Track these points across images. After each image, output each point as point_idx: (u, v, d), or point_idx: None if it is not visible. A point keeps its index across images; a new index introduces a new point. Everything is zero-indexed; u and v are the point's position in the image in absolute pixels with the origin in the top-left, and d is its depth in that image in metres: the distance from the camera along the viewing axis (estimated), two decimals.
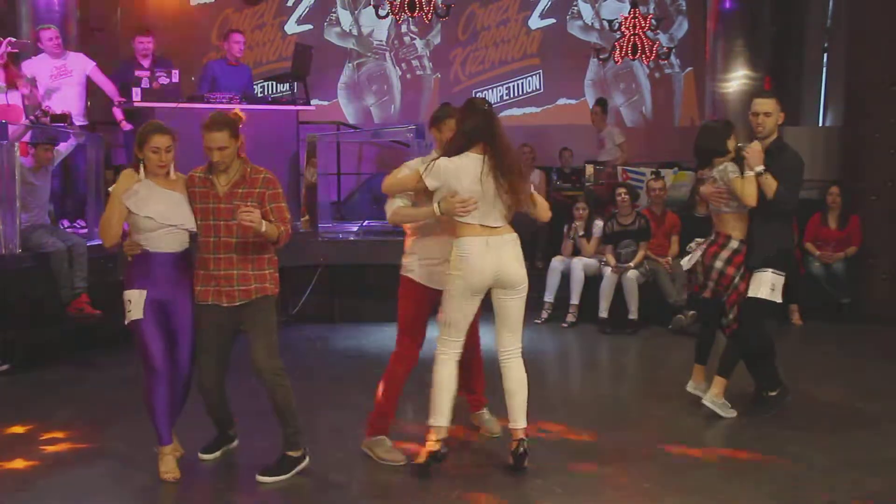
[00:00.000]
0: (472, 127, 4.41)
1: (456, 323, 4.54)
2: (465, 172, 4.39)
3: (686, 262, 5.81)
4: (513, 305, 4.58)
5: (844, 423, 5.44)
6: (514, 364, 4.67)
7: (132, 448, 5.00)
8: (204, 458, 4.82)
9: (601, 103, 9.80)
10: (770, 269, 5.37)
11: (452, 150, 4.46)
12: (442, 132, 4.69)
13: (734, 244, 5.48)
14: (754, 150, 5.36)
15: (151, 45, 8.77)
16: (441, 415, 4.53)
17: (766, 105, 5.52)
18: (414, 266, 4.78)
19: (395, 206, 4.72)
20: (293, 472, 4.57)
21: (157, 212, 4.42)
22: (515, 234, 4.57)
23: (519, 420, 4.61)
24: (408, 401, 5.33)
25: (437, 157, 4.50)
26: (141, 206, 4.41)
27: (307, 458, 4.64)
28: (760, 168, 5.30)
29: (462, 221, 4.42)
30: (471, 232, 4.43)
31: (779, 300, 5.41)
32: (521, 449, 4.57)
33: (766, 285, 5.35)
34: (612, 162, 10.30)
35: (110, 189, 4.48)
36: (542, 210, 4.72)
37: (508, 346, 4.66)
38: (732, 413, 5.53)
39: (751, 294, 5.40)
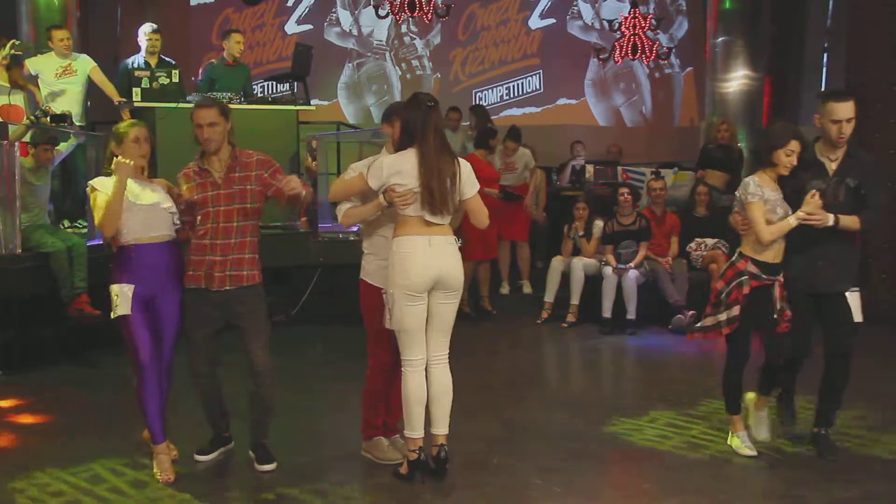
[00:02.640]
0: (410, 124, 4.43)
1: (408, 329, 4.43)
2: (405, 170, 4.37)
3: None
4: (449, 310, 4.53)
5: (844, 424, 5.43)
6: (443, 369, 4.56)
7: (132, 448, 4.99)
8: (199, 460, 4.81)
9: (515, 137, 9.55)
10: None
11: (398, 147, 4.51)
12: (394, 128, 4.66)
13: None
14: (816, 206, 4.52)
15: (160, 42, 8.78)
16: (414, 428, 4.45)
17: (849, 109, 4.58)
18: (370, 267, 4.70)
19: (345, 208, 4.73)
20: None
21: (134, 194, 4.51)
22: (453, 237, 4.50)
23: (441, 426, 4.52)
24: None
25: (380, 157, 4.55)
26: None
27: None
28: (831, 221, 4.52)
29: (404, 215, 4.37)
30: (412, 229, 4.37)
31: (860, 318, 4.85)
32: (443, 454, 4.49)
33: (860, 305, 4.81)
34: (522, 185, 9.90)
35: (95, 185, 4.53)
36: (477, 218, 4.63)
37: (438, 351, 4.54)
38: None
39: (860, 319, 4.80)
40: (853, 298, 4.73)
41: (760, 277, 4.64)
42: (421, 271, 4.33)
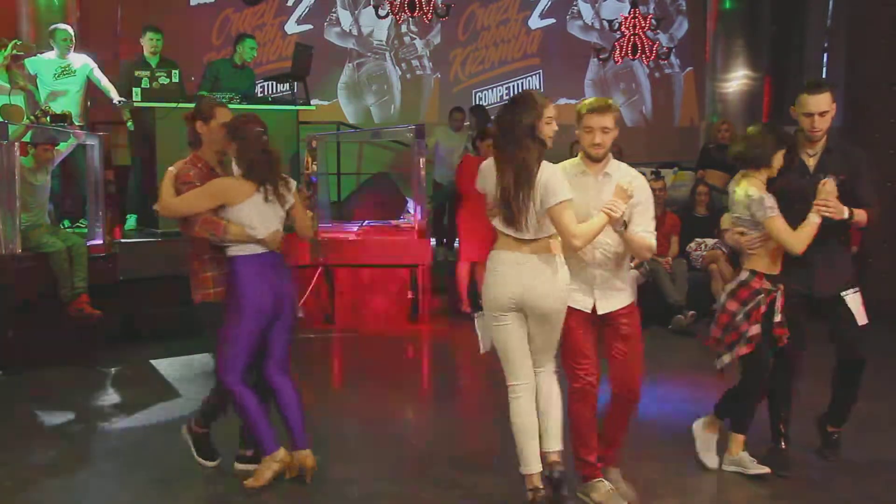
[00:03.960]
0: (499, 125, 4.18)
1: (502, 350, 4.13)
2: (490, 179, 4.12)
3: None
4: (544, 337, 4.11)
5: (852, 424, 5.43)
6: (545, 377, 4.18)
7: (133, 448, 5.00)
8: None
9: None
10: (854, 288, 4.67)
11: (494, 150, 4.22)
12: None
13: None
14: (831, 193, 4.33)
15: (161, 42, 8.78)
16: (527, 462, 4.05)
17: (822, 102, 4.42)
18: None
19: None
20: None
21: None
22: (555, 255, 4.04)
23: (551, 442, 4.11)
24: None
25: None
26: None
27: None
28: (846, 213, 4.37)
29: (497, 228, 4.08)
30: (501, 244, 4.08)
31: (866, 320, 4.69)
32: (556, 474, 4.05)
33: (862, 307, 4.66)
34: None
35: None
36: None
37: (540, 366, 4.17)
38: None
39: (863, 321, 4.65)
40: (853, 301, 4.62)
41: (770, 291, 4.52)
42: (501, 290, 4.00)
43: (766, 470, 4.54)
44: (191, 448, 4.60)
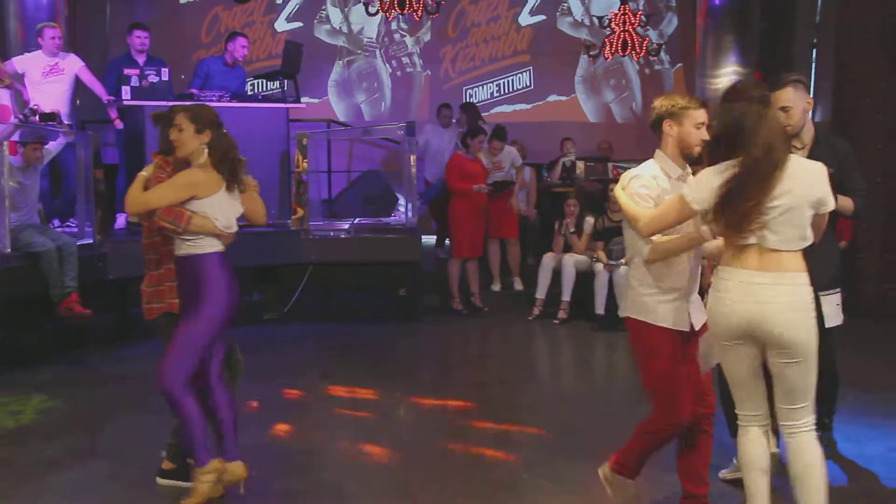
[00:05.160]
0: (732, 123, 3.44)
1: (731, 376, 3.54)
2: None
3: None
4: (789, 373, 3.40)
5: (837, 419, 5.45)
6: (801, 440, 3.44)
7: (124, 447, 4.99)
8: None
9: (500, 136, 9.50)
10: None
11: (712, 153, 3.56)
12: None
13: None
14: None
15: (148, 39, 8.76)
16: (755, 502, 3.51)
17: (781, 98, 4.35)
18: (650, 303, 3.68)
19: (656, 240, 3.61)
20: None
21: None
22: (802, 274, 3.42)
23: None
24: None
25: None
26: None
27: None
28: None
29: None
30: (738, 259, 3.41)
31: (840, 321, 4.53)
32: None
33: (838, 309, 4.52)
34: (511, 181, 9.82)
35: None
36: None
37: (788, 420, 3.45)
38: None
39: (831, 325, 4.43)
40: (827, 302, 4.42)
41: None
42: (727, 320, 3.39)
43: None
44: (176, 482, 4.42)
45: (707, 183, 3.41)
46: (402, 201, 9.51)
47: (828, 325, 4.36)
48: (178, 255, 4.14)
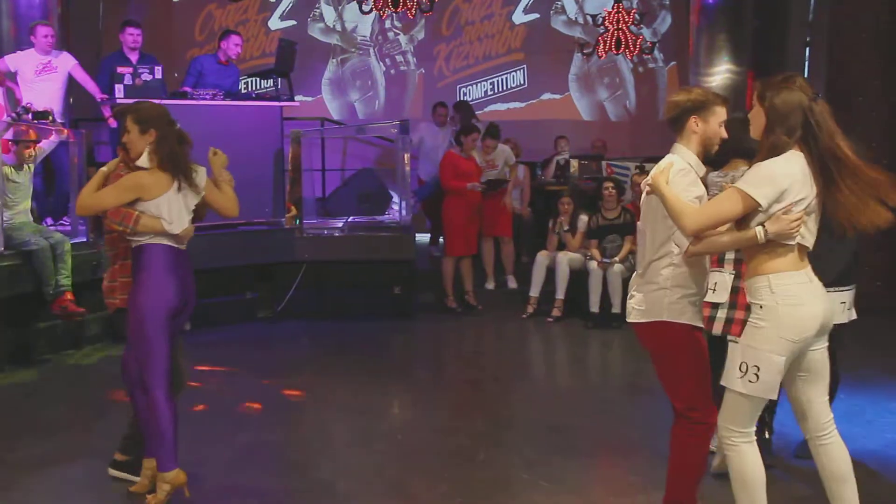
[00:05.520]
0: (784, 113, 3.35)
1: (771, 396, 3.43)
2: (797, 181, 3.31)
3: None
4: (825, 354, 3.49)
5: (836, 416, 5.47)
6: (840, 441, 3.51)
7: (114, 445, 4.97)
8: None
9: (493, 135, 9.50)
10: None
11: (767, 147, 3.35)
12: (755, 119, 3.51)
13: None
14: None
15: (141, 37, 8.73)
16: None
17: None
18: (679, 305, 3.56)
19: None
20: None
21: None
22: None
23: None
24: None
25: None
26: None
27: None
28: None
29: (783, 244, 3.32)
30: (790, 263, 3.34)
31: (854, 316, 4.74)
32: None
33: (844, 307, 4.69)
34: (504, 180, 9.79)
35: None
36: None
37: (828, 415, 3.54)
38: None
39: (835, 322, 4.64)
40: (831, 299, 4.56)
41: None
42: (812, 322, 3.32)
43: None
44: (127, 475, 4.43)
45: (773, 178, 3.24)
46: (396, 199, 9.51)
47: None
48: (132, 247, 4.17)
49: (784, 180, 3.24)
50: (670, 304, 3.55)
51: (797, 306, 3.28)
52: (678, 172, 3.49)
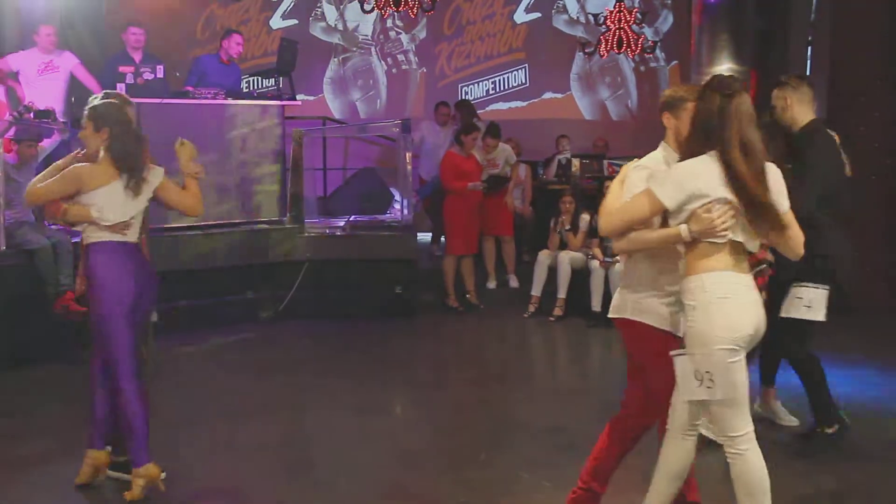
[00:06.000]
0: (706, 117, 3.35)
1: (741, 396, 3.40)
2: (708, 182, 3.32)
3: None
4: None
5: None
6: (756, 449, 3.43)
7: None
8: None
9: (494, 134, 9.49)
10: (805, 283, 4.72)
11: (686, 148, 3.42)
12: (679, 121, 3.58)
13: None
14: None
15: (144, 37, 8.74)
16: None
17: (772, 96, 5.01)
18: (648, 305, 3.59)
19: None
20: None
21: None
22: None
23: None
24: None
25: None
26: None
27: None
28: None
29: (712, 242, 3.31)
30: (722, 262, 3.32)
31: (819, 318, 4.73)
32: None
33: (801, 303, 4.73)
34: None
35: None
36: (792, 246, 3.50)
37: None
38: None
39: (783, 314, 4.72)
40: (791, 292, 4.74)
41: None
42: (748, 320, 3.30)
43: (795, 422, 5.19)
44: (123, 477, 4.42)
45: (681, 181, 3.29)
46: (397, 199, 9.51)
47: (781, 314, 4.65)
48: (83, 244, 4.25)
49: (691, 181, 3.27)
50: (634, 302, 3.60)
51: (729, 301, 3.26)
52: (634, 169, 3.58)
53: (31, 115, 7.43)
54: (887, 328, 8.20)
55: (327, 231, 9.03)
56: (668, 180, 3.32)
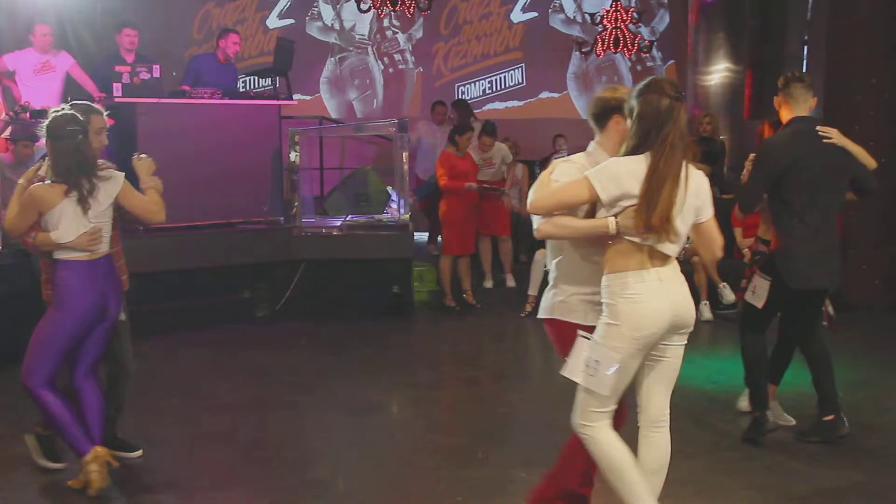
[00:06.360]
0: (646, 119, 3.38)
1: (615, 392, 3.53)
2: (638, 181, 3.37)
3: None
4: (680, 353, 3.57)
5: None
6: (666, 435, 3.58)
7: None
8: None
9: (490, 132, 9.46)
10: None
11: (629, 147, 3.42)
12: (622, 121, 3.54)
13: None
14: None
15: (138, 38, 8.72)
16: (647, 498, 3.45)
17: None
18: (574, 303, 3.63)
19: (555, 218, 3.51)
20: None
21: None
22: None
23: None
24: None
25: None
26: None
27: None
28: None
29: (625, 240, 3.39)
30: (635, 262, 3.39)
31: (758, 304, 4.93)
32: None
33: (750, 287, 5.03)
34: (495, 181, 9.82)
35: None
36: (708, 246, 3.68)
37: (664, 411, 3.59)
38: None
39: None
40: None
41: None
42: (655, 321, 3.37)
43: (792, 421, 5.20)
44: (32, 451, 4.57)
45: (619, 177, 3.32)
46: (394, 198, 9.50)
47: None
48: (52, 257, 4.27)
49: (628, 180, 3.30)
50: (560, 302, 3.62)
51: (638, 304, 3.32)
52: (564, 162, 3.59)
53: (28, 114, 7.42)
54: (885, 326, 8.21)
55: (324, 230, 9.02)
56: (607, 174, 3.34)
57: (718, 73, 11.55)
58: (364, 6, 11.38)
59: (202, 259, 8.16)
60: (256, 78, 11.66)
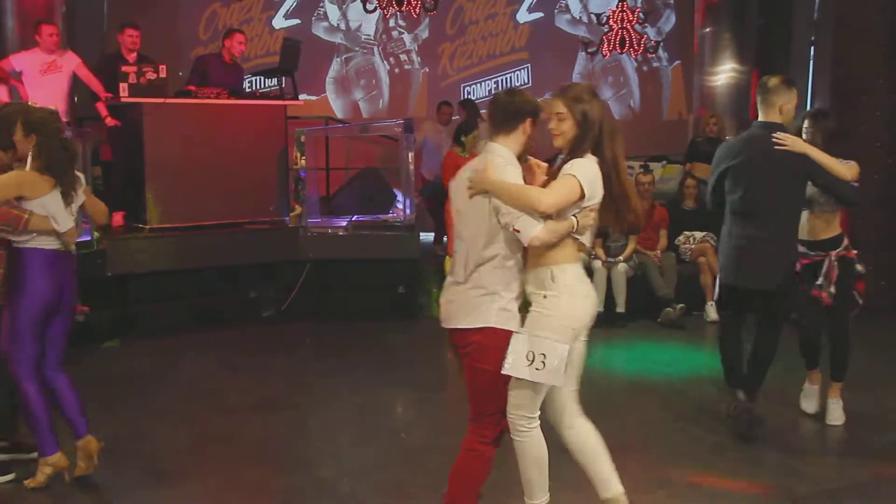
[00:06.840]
0: (591, 119, 3.58)
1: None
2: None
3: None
4: (584, 347, 3.74)
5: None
6: (587, 422, 3.75)
7: (117, 444, 4.98)
8: None
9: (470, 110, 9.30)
10: None
11: (573, 147, 3.58)
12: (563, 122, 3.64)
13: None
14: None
15: (139, 39, 8.73)
16: (545, 490, 3.71)
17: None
18: (513, 310, 3.54)
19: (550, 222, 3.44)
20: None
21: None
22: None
23: (615, 483, 3.75)
24: None
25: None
26: None
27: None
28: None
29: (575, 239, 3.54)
30: (572, 255, 3.55)
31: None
32: None
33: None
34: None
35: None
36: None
37: (577, 402, 3.74)
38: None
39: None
40: None
41: (809, 255, 5.25)
42: (590, 310, 3.56)
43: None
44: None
45: (596, 179, 3.48)
46: (400, 198, 9.51)
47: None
48: (11, 246, 4.28)
49: (598, 182, 3.47)
50: (500, 309, 3.49)
51: (577, 295, 3.48)
52: (502, 165, 3.52)
53: None
54: (887, 328, 8.20)
55: (330, 231, 9.03)
56: (591, 176, 3.45)
57: (725, 73, 11.54)
58: (370, 6, 11.39)
59: (208, 259, 8.18)
60: (262, 78, 11.67)
